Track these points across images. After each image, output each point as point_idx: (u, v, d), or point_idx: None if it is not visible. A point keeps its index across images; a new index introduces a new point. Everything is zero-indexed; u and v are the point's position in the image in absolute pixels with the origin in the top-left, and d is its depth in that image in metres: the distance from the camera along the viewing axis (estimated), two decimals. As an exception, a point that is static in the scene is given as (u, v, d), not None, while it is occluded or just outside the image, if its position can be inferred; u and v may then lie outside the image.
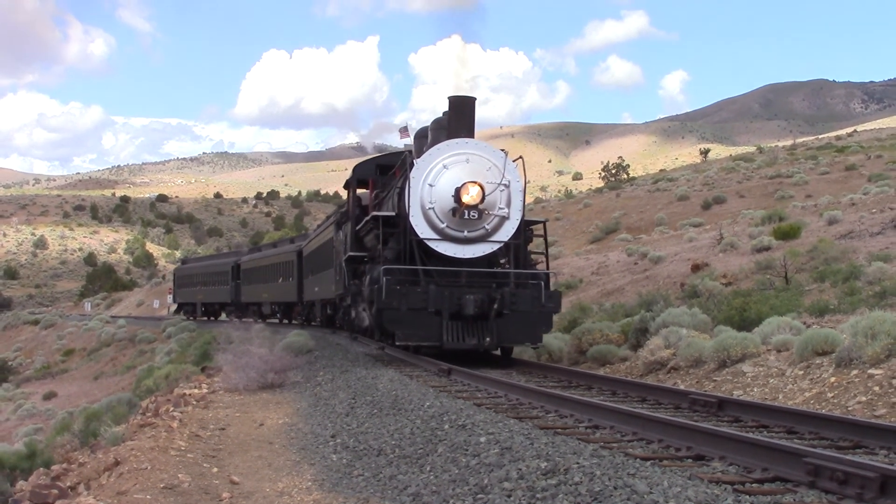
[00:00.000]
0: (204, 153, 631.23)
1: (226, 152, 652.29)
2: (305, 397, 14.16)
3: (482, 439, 8.27)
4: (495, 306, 16.40)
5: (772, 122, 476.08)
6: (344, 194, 25.93)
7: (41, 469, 14.99)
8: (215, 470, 8.99)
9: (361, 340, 23.81)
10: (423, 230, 16.87)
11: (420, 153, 18.03)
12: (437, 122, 18.59)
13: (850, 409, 10.15)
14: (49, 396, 42.96)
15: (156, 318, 70.19)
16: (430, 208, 16.83)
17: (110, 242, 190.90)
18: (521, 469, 6.90)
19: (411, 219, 16.83)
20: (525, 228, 17.85)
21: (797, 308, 17.38)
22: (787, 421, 8.89)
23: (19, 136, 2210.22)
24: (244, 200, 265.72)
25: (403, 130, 21.54)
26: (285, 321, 43.57)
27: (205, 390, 16.32)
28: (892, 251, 22.64)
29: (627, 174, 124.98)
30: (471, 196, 16.55)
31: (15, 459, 19.82)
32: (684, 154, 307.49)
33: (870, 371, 10.94)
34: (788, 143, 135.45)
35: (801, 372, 12.13)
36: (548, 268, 18.47)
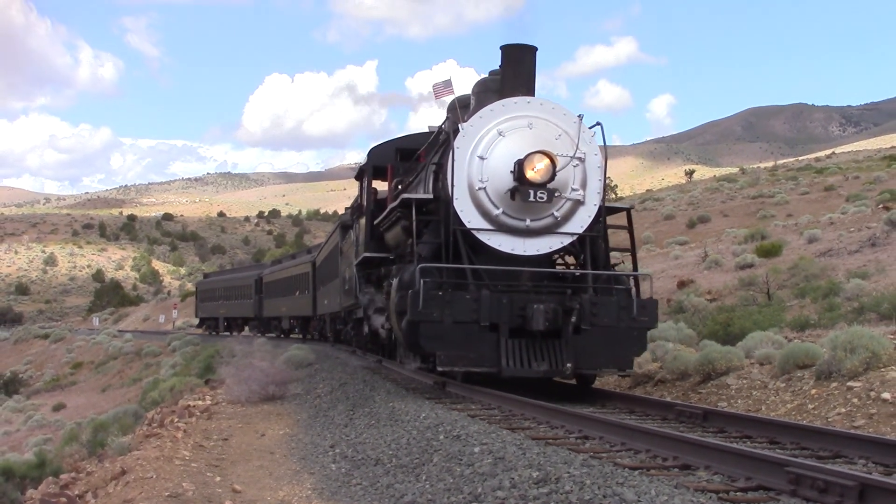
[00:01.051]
0: (208, 174, 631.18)
1: (229, 173, 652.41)
2: (305, 409, 14.14)
3: (476, 449, 8.25)
4: (573, 319, 12.16)
5: (754, 145, 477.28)
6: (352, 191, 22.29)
7: (50, 478, 14.95)
8: (218, 479, 8.96)
9: (360, 354, 23.74)
10: (470, 218, 12.63)
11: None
12: (482, 84, 14.24)
13: (830, 420, 10.15)
14: (58, 408, 42.81)
15: (161, 332, 70.04)
16: (480, 188, 12.55)
17: (118, 260, 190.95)
18: (513, 478, 6.89)
19: (455, 203, 12.56)
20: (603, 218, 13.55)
21: (779, 323, 17.40)
22: (770, 432, 8.89)
23: (31, 157, 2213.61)
24: (246, 219, 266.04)
25: (444, 86, 15.57)
26: (307, 336, 40.56)
27: (208, 402, 16.30)
28: (869, 268, 22.69)
29: (616, 194, 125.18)
30: (537, 171, 12.18)
31: (25, 468, 19.78)
32: (670, 175, 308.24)
33: (849, 383, 10.95)
34: (770, 164, 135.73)
35: (783, 384, 12.13)
36: (635, 269, 13.98)
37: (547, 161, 12.17)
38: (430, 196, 13.56)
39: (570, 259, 14.23)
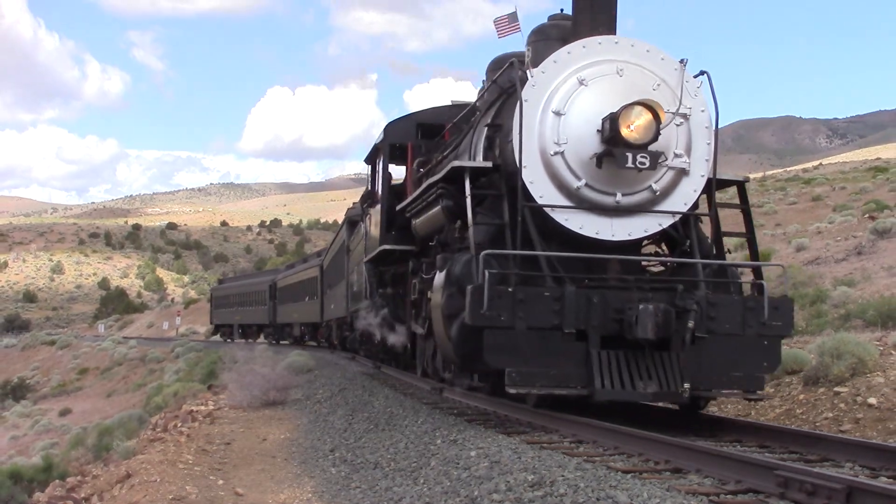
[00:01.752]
0: (211, 184, 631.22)
1: (231, 183, 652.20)
2: (306, 414, 14.11)
3: (472, 453, 8.24)
4: (690, 324, 9.02)
5: (743, 156, 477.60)
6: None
7: (57, 481, 14.94)
8: (221, 482, 8.94)
9: (359, 360, 23.70)
10: (542, 191, 9.65)
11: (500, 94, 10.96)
12: (540, 31, 11.06)
13: (817, 424, 10.16)
14: (64, 413, 42.72)
15: (165, 339, 69.92)
16: (555, 154, 9.56)
17: (123, 268, 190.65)
18: (509, 481, 6.87)
19: (524, 172, 9.56)
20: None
21: (768, 330, 17.35)
22: (759, 436, 8.88)
23: (39, 168, 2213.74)
24: (248, 228, 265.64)
25: (509, 21, 12.38)
26: (320, 344, 37.07)
27: (211, 407, 16.27)
28: (855, 276, 22.68)
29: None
30: (635, 128, 9.13)
31: (32, 472, 19.73)
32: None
33: (835, 389, 10.96)
34: (759, 175, 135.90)
35: (772, 389, 12.13)
36: (755, 258, 10.87)
37: (648, 116, 9.10)
38: (489, 164, 10.30)
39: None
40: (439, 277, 10.18)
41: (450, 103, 15.28)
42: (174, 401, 22.02)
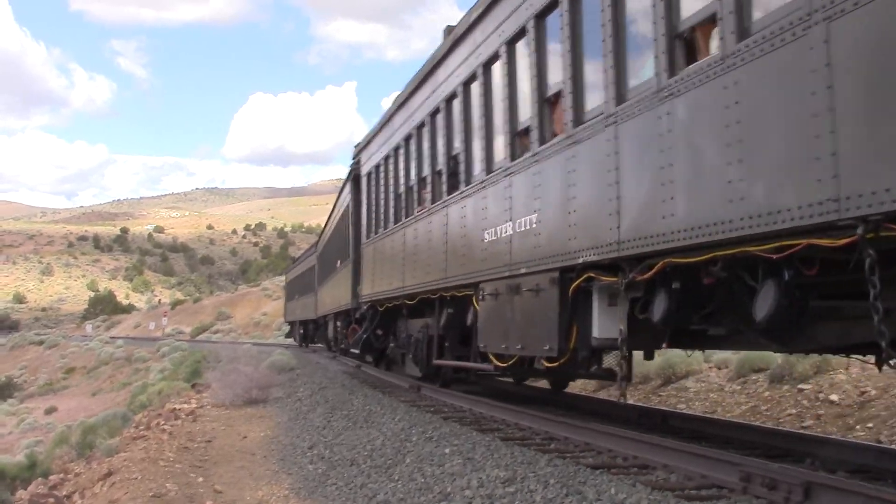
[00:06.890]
0: (197, 188, 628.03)
1: (216, 187, 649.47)
2: (286, 411, 14.05)
3: (447, 450, 8.22)
4: None
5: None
6: None
7: (40, 479, 14.82)
8: (201, 479, 8.88)
9: (340, 360, 23.65)
10: None
11: None
12: None
13: (781, 420, 10.20)
14: (50, 411, 42.46)
15: (151, 338, 69.59)
16: None
17: (110, 270, 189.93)
18: (481, 478, 6.86)
19: None
20: None
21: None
22: (725, 432, 8.90)
23: (29, 173, 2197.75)
24: (234, 232, 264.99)
25: None
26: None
27: (194, 405, 16.18)
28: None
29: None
30: None
31: (16, 470, 19.58)
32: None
33: (799, 386, 11.03)
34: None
35: (739, 387, 12.18)
36: None
37: None
38: None
39: None
40: None
41: None
42: (158, 399, 21.91)
